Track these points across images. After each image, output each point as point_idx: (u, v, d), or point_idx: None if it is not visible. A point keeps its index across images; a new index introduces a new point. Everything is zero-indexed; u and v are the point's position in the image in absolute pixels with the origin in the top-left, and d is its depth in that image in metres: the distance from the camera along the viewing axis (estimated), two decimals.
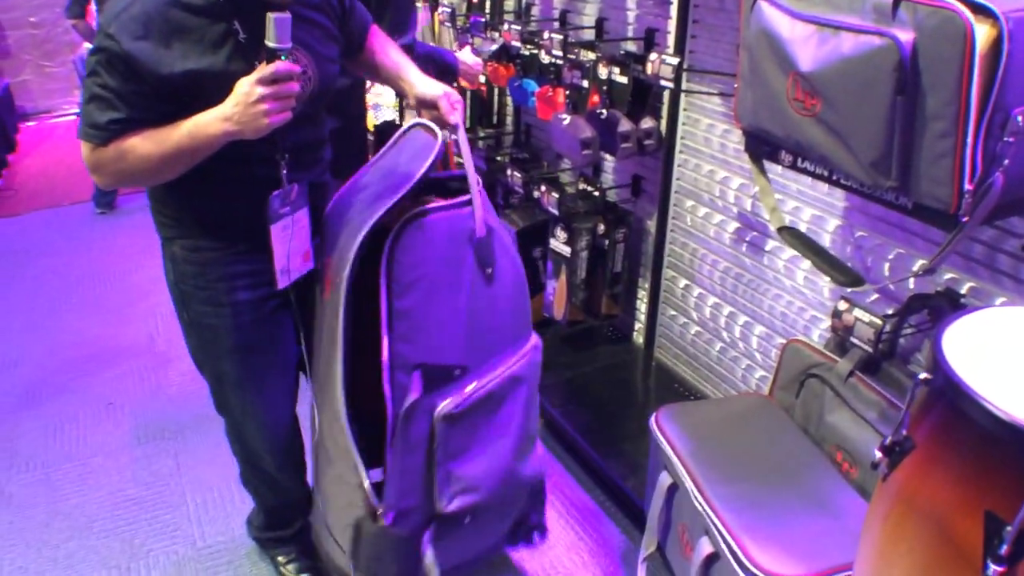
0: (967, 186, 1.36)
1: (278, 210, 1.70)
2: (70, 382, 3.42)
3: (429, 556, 1.86)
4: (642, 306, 2.98)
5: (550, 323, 3.07)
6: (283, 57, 1.47)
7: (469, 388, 1.78)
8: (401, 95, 1.99)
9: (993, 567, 1.05)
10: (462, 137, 1.77)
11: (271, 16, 1.45)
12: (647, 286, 2.89)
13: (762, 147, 1.80)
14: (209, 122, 1.51)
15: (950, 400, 1.10)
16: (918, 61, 1.33)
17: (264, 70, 1.46)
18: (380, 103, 3.78)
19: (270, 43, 1.46)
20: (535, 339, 1.94)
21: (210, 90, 1.52)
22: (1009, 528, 1.02)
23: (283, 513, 2.25)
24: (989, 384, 1.06)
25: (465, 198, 1.73)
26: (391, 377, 1.70)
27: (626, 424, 2.64)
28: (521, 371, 1.87)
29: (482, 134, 3.48)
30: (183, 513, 2.63)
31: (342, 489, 1.82)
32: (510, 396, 1.86)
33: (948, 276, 1.86)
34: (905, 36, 1.36)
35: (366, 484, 1.75)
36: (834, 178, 1.65)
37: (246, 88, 1.47)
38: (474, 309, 1.77)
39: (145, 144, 1.55)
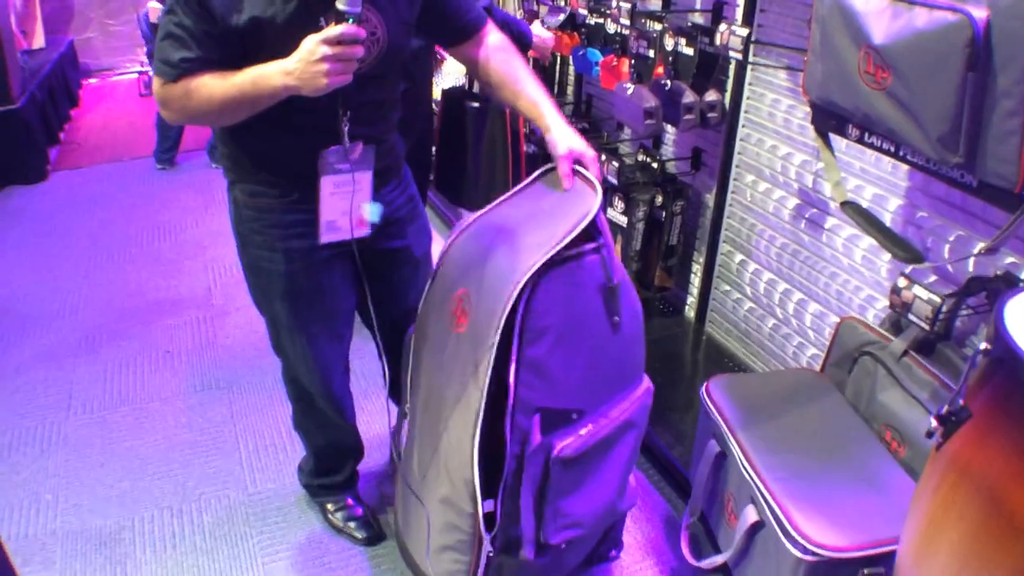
0: None
1: (333, 164, 1.73)
2: (128, 330, 3.52)
3: None
4: (696, 280, 2.99)
5: None
6: (350, 21, 1.50)
7: (584, 431, 1.77)
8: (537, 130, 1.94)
9: None
10: (598, 197, 1.68)
11: None
12: (702, 260, 2.89)
13: (829, 121, 1.80)
14: (272, 73, 1.56)
15: (1010, 370, 1.11)
16: (991, 38, 1.33)
17: (329, 31, 1.49)
18: (443, 68, 3.79)
19: (340, 5, 1.49)
20: (647, 383, 1.92)
21: (273, 40, 1.56)
22: None
23: (332, 457, 2.32)
24: None
25: (594, 245, 1.68)
26: (512, 420, 1.70)
27: (674, 395, 2.66)
28: (634, 416, 1.86)
29: None
30: (235, 459, 2.71)
31: (448, 512, 1.83)
32: (621, 439, 1.87)
33: (1009, 260, 1.85)
34: (979, 13, 1.36)
35: (480, 514, 1.76)
36: (900, 154, 1.65)
37: (310, 46, 1.50)
38: (597, 356, 1.76)
39: (211, 85, 1.60)
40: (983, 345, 1.17)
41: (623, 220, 2.83)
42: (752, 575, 1.93)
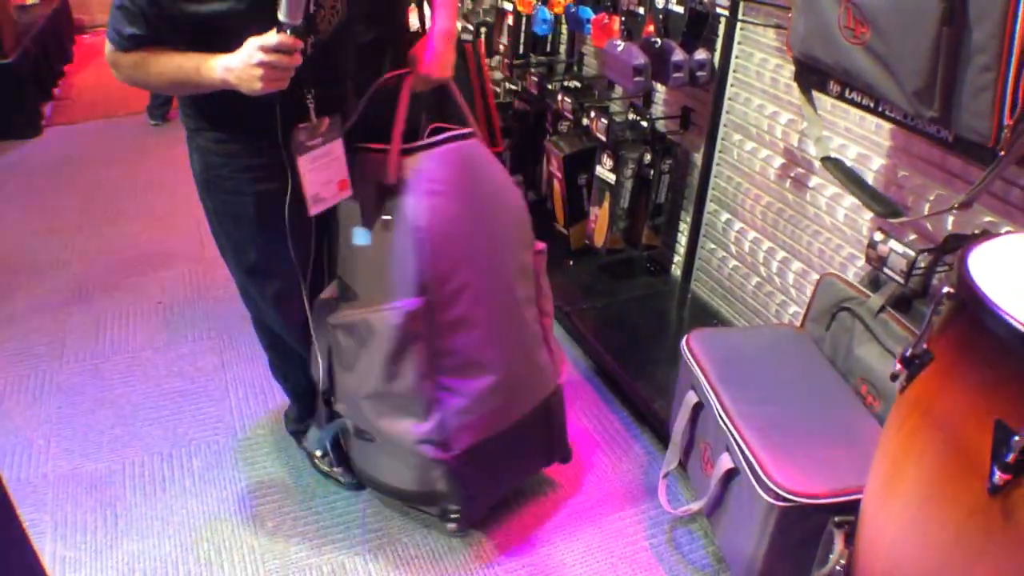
0: (1007, 120, 1.38)
1: (305, 142, 1.78)
2: (121, 282, 3.56)
3: None
4: (682, 239, 3.02)
5: (589, 251, 3.13)
6: (288, 32, 1.55)
7: (348, 309, 2.02)
8: None
9: (999, 474, 1.11)
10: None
11: None
12: (688, 219, 2.92)
13: (811, 76, 1.83)
14: (214, 66, 1.63)
15: (971, 313, 1.15)
16: None
17: (266, 39, 1.55)
18: None
19: (280, 16, 1.54)
20: (406, 304, 1.91)
21: (227, 32, 1.62)
22: (1017, 437, 1.07)
23: (313, 399, 2.36)
24: (1010, 301, 1.10)
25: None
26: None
27: (658, 350, 2.70)
28: (375, 319, 1.93)
29: (534, 61, 3.50)
30: (226, 407, 2.76)
31: None
32: (367, 337, 1.97)
33: (987, 219, 1.88)
34: None
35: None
36: (879, 110, 1.68)
37: (249, 49, 1.56)
38: (370, 248, 1.93)
39: (159, 63, 1.69)
40: (946, 289, 1.21)
41: (611, 177, 2.85)
42: (726, 522, 1.98)
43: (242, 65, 1.58)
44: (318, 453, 2.42)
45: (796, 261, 2.50)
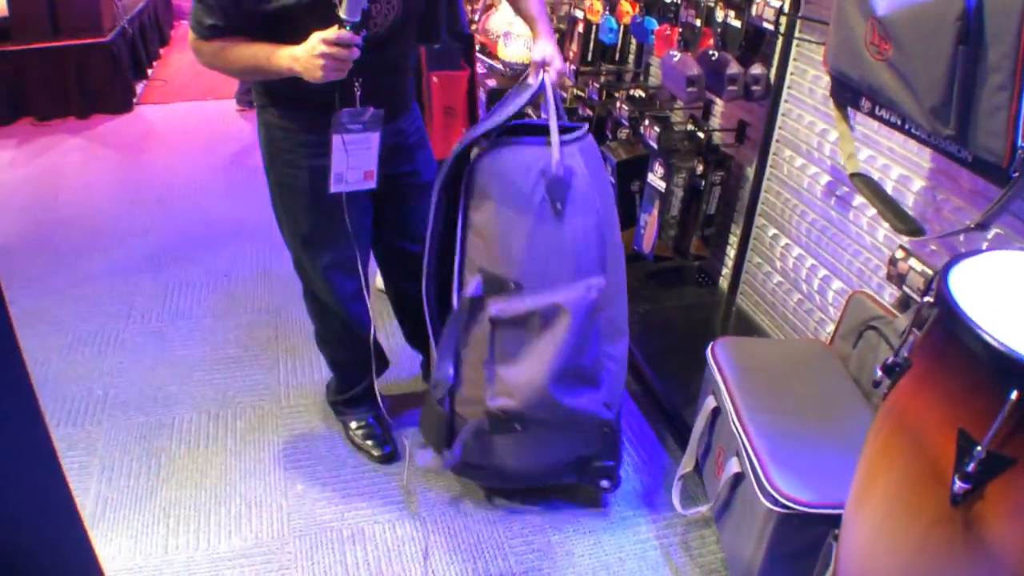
0: (1020, 141, 1.40)
1: (346, 124, 1.92)
2: (192, 253, 3.75)
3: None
4: (731, 251, 3.04)
5: (638, 257, 3.17)
6: (347, 27, 1.71)
7: (519, 302, 2.02)
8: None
9: (959, 484, 1.13)
10: (549, 92, 2.00)
11: None
12: (738, 231, 2.94)
13: (845, 93, 1.85)
14: (282, 56, 1.79)
15: (946, 323, 1.18)
16: (982, 12, 1.37)
17: (328, 33, 1.71)
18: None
19: (341, 13, 1.70)
20: (597, 282, 2.05)
21: (294, 25, 1.79)
22: (979, 448, 1.10)
23: (352, 372, 2.50)
24: (985, 315, 1.12)
25: (542, 139, 1.97)
26: (460, 275, 2.06)
27: (693, 359, 2.70)
28: (566, 302, 2.01)
29: (603, 69, 3.56)
30: (274, 376, 2.89)
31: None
32: (552, 322, 2.03)
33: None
34: None
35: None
36: (906, 127, 1.70)
37: (313, 41, 1.73)
38: (538, 238, 1.99)
39: (235, 51, 1.86)
40: (926, 299, 1.23)
41: (662, 185, 2.89)
42: (731, 525, 2.01)
43: (306, 56, 1.74)
44: (353, 425, 2.53)
45: (836, 280, 2.50)
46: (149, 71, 6.38)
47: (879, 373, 1.32)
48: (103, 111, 5.48)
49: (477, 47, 3.83)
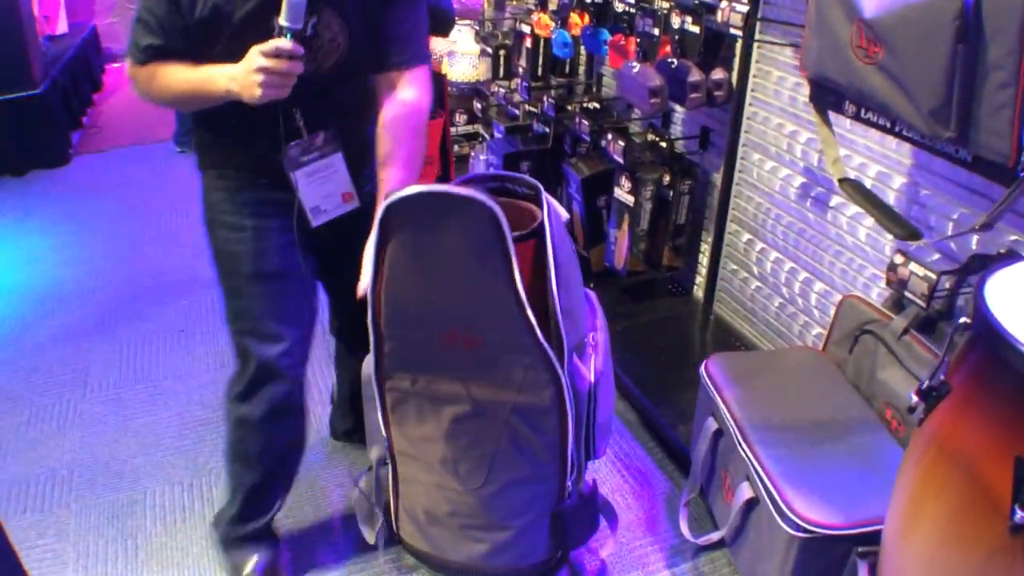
0: None
1: (298, 158, 1.79)
2: (144, 310, 3.57)
3: None
4: (704, 259, 2.98)
5: (610, 273, 3.09)
6: (287, 36, 1.56)
7: (595, 347, 1.92)
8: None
9: (1020, 513, 1.07)
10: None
11: None
12: (710, 239, 2.88)
13: (827, 97, 1.79)
14: (219, 76, 1.66)
15: (988, 345, 1.11)
16: (980, 9, 1.32)
17: (266, 44, 1.57)
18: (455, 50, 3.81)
19: (281, 20, 1.56)
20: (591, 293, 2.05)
21: (228, 36, 1.66)
22: None
23: (264, 494, 2.13)
24: None
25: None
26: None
27: (680, 375, 2.66)
28: (602, 320, 2.00)
29: (554, 83, 3.49)
30: None
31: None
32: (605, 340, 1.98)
33: (1012, 238, 1.84)
34: None
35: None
36: (896, 129, 1.64)
37: (251, 55, 1.59)
38: (575, 282, 1.86)
39: (170, 75, 1.72)
40: (963, 320, 1.17)
41: (630, 199, 2.83)
42: (747, 552, 1.94)
43: (244, 72, 1.60)
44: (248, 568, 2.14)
45: (819, 282, 2.45)
46: (84, 119, 6.18)
47: (914, 399, 1.25)
48: (40, 166, 5.27)
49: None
